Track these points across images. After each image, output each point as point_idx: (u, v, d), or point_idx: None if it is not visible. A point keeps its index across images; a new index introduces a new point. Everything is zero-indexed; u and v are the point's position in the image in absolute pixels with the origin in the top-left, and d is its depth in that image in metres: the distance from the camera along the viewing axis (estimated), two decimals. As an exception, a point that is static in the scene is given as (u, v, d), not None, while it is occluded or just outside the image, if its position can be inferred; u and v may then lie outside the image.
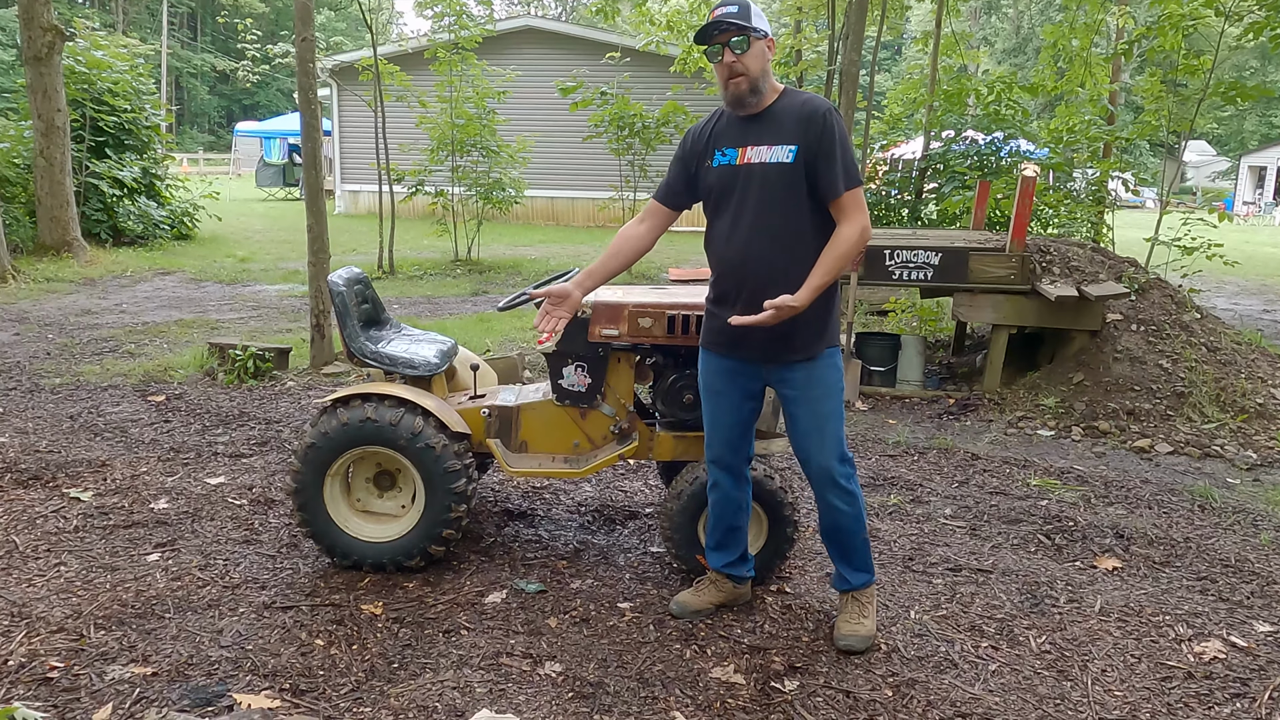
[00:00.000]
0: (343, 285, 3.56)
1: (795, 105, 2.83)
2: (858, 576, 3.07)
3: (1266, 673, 2.93)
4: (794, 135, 2.79)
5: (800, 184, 2.79)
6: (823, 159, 2.76)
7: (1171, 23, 8.42)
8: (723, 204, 2.92)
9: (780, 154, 2.80)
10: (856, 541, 3.03)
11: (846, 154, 2.78)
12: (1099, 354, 6.05)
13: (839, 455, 2.94)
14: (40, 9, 10.98)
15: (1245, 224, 26.96)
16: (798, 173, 2.78)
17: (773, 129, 2.83)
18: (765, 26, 2.82)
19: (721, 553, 3.21)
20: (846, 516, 2.97)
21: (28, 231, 11.68)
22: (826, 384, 2.92)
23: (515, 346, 7.34)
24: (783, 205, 2.81)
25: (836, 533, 3.02)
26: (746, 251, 2.85)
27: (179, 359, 6.74)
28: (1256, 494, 4.62)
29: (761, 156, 2.83)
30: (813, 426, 2.92)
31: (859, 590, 3.08)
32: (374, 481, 3.51)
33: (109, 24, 39.68)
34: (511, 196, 12.79)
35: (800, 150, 2.78)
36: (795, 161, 2.78)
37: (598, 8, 13.09)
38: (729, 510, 3.15)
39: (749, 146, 2.85)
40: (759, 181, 2.83)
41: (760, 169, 2.82)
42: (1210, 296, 10.30)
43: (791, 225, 2.81)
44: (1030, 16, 48.09)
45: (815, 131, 2.76)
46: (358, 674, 2.78)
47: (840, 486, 2.94)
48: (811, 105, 2.81)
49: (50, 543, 3.64)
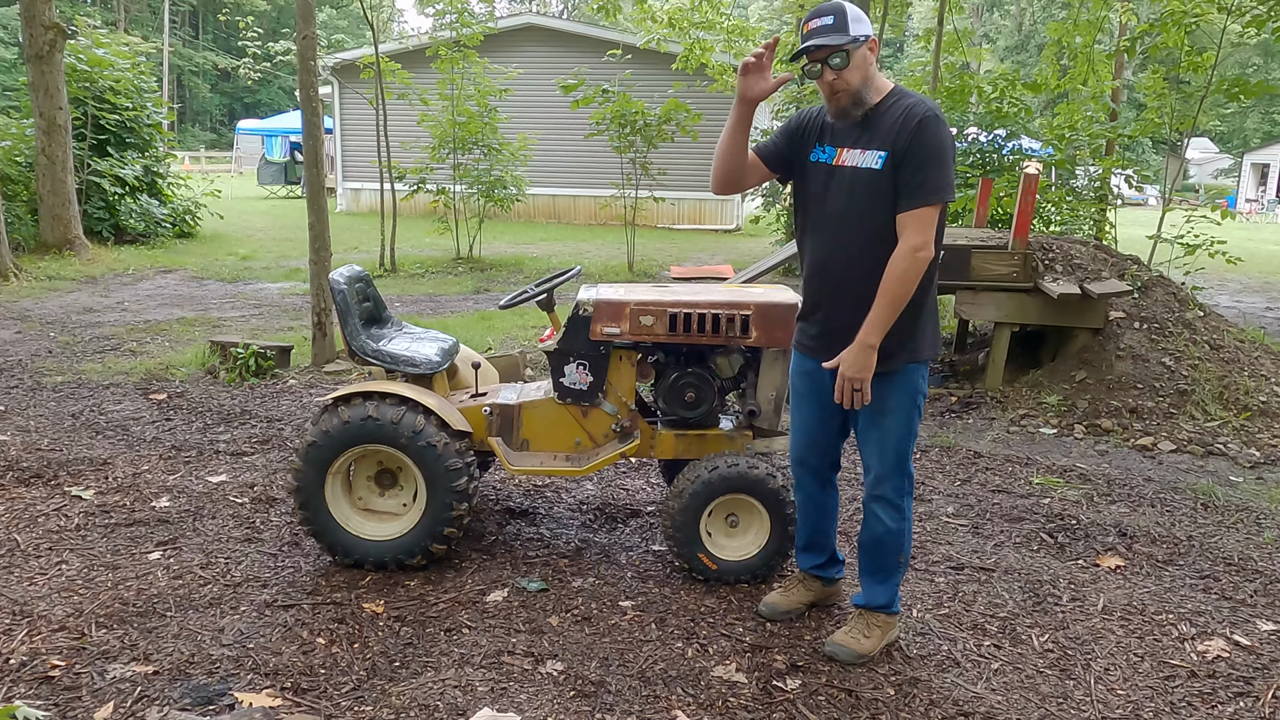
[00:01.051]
0: (344, 283, 3.55)
1: (899, 108, 2.68)
2: (878, 595, 2.95)
3: (1270, 671, 2.92)
4: (887, 141, 2.67)
5: (889, 191, 2.68)
6: (907, 167, 2.64)
7: (1174, 19, 8.41)
8: (814, 203, 2.85)
9: (870, 159, 2.70)
10: (889, 563, 2.92)
11: (933, 169, 2.62)
12: (1102, 352, 6.04)
13: (898, 469, 2.84)
14: (42, 7, 10.98)
15: (1248, 221, 26.90)
16: (885, 179, 2.67)
17: (870, 133, 2.72)
18: (865, 29, 2.66)
19: (809, 554, 3.19)
20: (889, 533, 2.87)
21: (30, 229, 11.69)
22: (898, 399, 2.79)
23: (517, 344, 7.34)
24: (870, 211, 2.71)
25: (874, 546, 2.92)
26: (835, 259, 2.79)
27: (181, 357, 6.74)
28: (1259, 492, 4.61)
29: (855, 160, 2.73)
30: (874, 438, 2.84)
31: (872, 612, 2.96)
32: (375, 479, 3.51)
33: (110, 22, 39.69)
34: (513, 194, 12.79)
35: (889, 157, 2.66)
36: (883, 168, 2.67)
37: (599, 5, 13.05)
38: (813, 512, 3.12)
39: (846, 149, 2.76)
40: (849, 186, 2.74)
41: (851, 173, 2.73)
42: (1213, 294, 10.28)
43: (877, 231, 2.70)
44: (1033, 13, 48.02)
45: (904, 140, 2.63)
46: (359, 672, 2.78)
47: (888, 501, 2.86)
48: (912, 109, 2.65)
49: (52, 541, 3.64)
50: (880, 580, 2.94)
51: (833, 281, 2.80)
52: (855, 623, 2.98)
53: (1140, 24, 9.93)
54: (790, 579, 3.29)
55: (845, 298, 2.75)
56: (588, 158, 17.20)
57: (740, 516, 3.41)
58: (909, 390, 2.80)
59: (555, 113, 16.47)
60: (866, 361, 2.67)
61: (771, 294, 3.46)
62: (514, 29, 18.95)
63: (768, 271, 7.93)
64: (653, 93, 13.61)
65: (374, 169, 13.23)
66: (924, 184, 2.61)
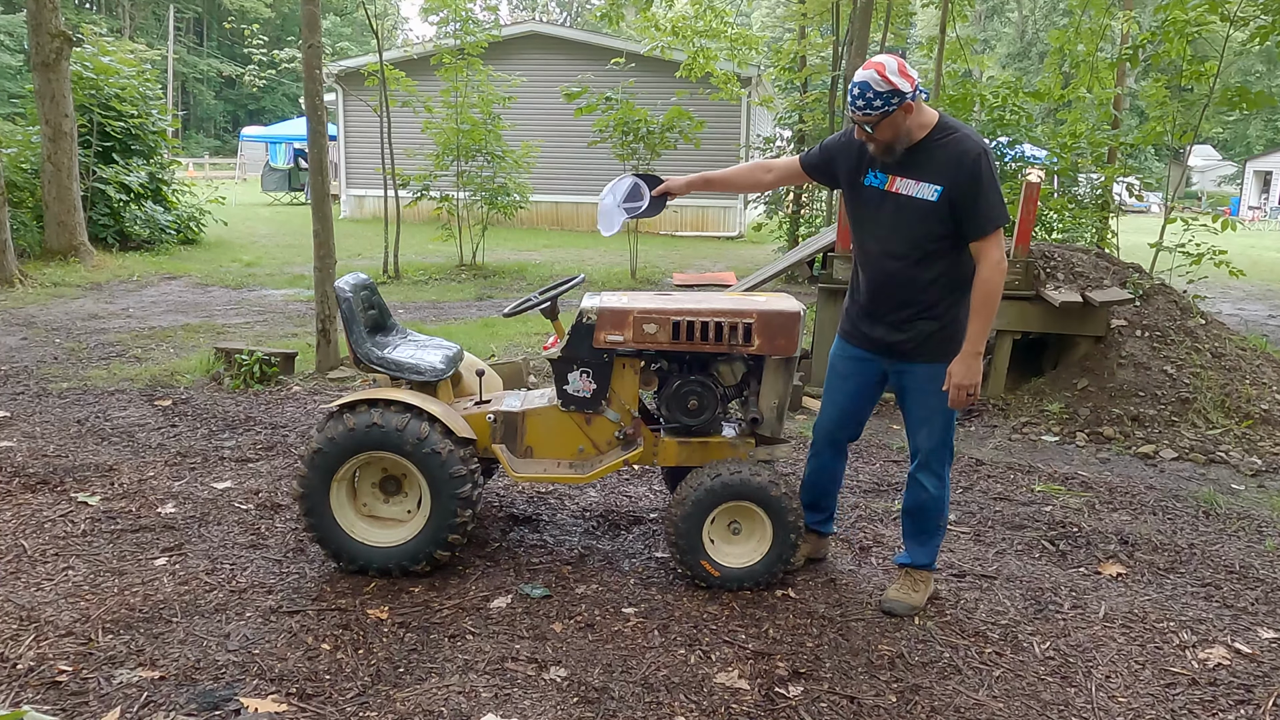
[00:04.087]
0: (349, 290, 3.58)
1: (948, 144, 3.01)
2: (921, 555, 3.32)
3: (1271, 679, 2.93)
4: (941, 176, 3.00)
5: (944, 219, 3.03)
6: (968, 202, 2.98)
7: (1176, 28, 8.42)
8: (869, 222, 3.21)
9: (926, 191, 3.03)
10: (930, 525, 3.30)
11: (991, 197, 2.98)
12: (1103, 359, 6.05)
13: (943, 443, 3.24)
14: (49, 15, 11.04)
15: (1250, 229, 26.90)
16: (941, 210, 3.02)
17: (922, 165, 3.04)
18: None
19: (813, 512, 3.61)
20: (931, 497, 3.26)
21: (35, 236, 11.73)
22: (941, 382, 3.12)
23: (521, 352, 7.36)
24: (922, 235, 3.07)
25: (917, 510, 3.30)
26: (889, 266, 3.15)
27: (185, 363, 6.77)
28: (1261, 500, 4.61)
29: (909, 190, 3.07)
30: (922, 419, 3.24)
31: (916, 569, 3.33)
32: (380, 486, 3.52)
33: (116, 30, 39.86)
34: (516, 201, 12.82)
35: (945, 190, 3.00)
36: (939, 201, 3.01)
37: (603, 13, 13.13)
38: (824, 478, 3.56)
39: (898, 176, 3.09)
40: (903, 212, 3.08)
41: (907, 201, 3.07)
42: (1215, 302, 10.28)
43: (931, 249, 3.07)
44: (1035, 21, 48.09)
45: (965, 176, 2.97)
46: (364, 678, 2.79)
47: (932, 469, 3.25)
48: (963, 147, 2.98)
49: (58, 547, 3.66)
50: (922, 542, 3.33)
51: (890, 284, 3.16)
52: (903, 581, 3.33)
53: (1142, 32, 9.95)
54: None
55: (890, 300, 3.17)
56: (591, 165, 17.25)
57: (743, 524, 3.42)
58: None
59: (558, 120, 16.52)
60: (976, 368, 3.05)
61: (774, 302, 3.48)
62: (517, 37, 19.01)
63: (771, 279, 7.96)
64: (656, 100, 13.66)
65: (378, 176, 13.27)
66: (990, 214, 2.99)
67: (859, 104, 2.94)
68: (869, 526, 4.12)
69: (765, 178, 3.57)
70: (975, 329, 3.03)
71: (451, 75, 12.19)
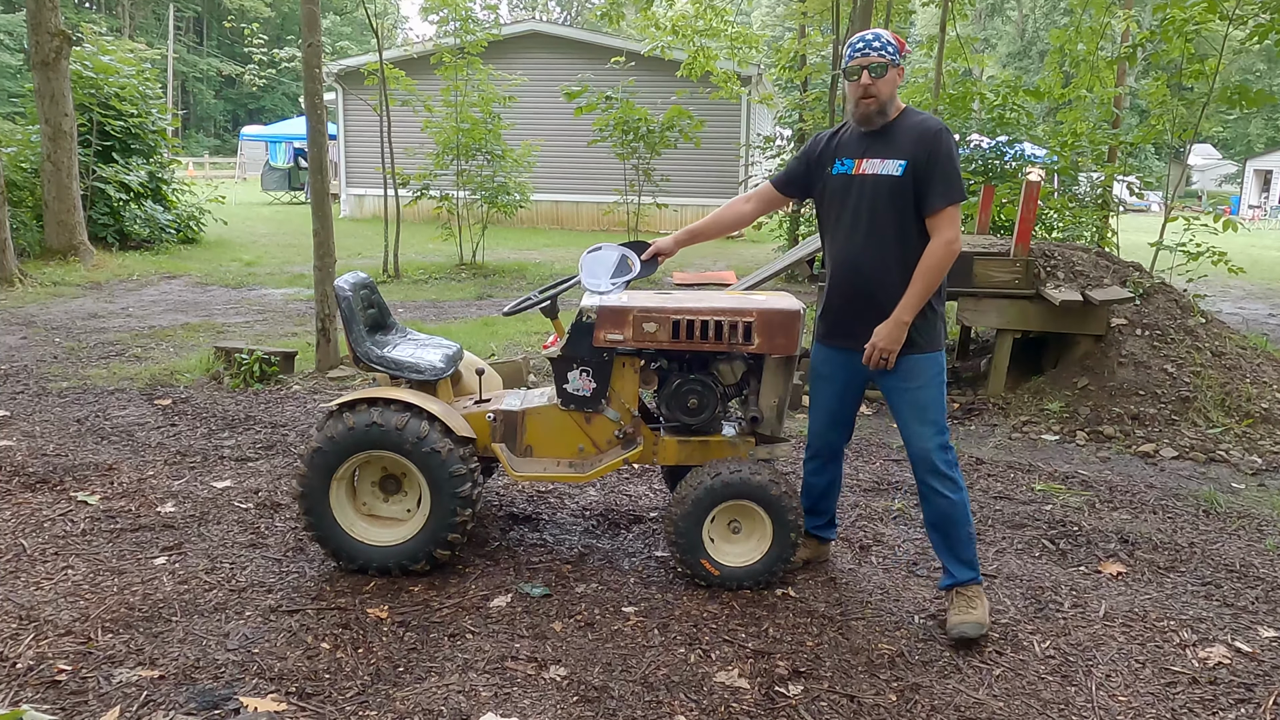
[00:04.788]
0: (348, 289, 3.57)
1: (912, 124, 3.09)
2: (963, 571, 3.17)
3: (1271, 678, 2.93)
4: (906, 151, 3.06)
5: (908, 196, 3.06)
6: (927, 174, 3.03)
7: (1175, 28, 8.41)
8: (837, 210, 3.22)
9: (891, 167, 3.07)
10: (961, 533, 3.16)
11: (949, 172, 3.02)
12: (1104, 359, 6.05)
13: (939, 443, 3.15)
14: (48, 14, 11.04)
15: (1250, 228, 26.90)
16: (905, 185, 3.05)
17: (888, 144, 3.10)
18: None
19: (813, 516, 3.60)
20: (950, 503, 3.14)
21: (35, 235, 11.73)
22: (926, 375, 3.15)
23: (520, 351, 7.36)
24: (890, 215, 3.08)
25: (942, 521, 3.17)
26: (857, 255, 3.15)
27: (185, 363, 6.77)
28: (1261, 499, 4.61)
29: (875, 169, 3.10)
30: (912, 415, 3.18)
31: (964, 585, 3.17)
32: (379, 486, 3.52)
33: (116, 29, 39.85)
34: (517, 200, 12.82)
35: (909, 165, 3.04)
36: (904, 175, 3.05)
37: (603, 12, 13.12)
38: (821, 482, 3.56)
39: (865, 159, 3.13)
40: (870, 191, 3.11)
41: (873, 180, 3.10)
42: (1216, 301, 10.28)
43: (897, 233, 3.09)
44: (1035, 19, 48.07)
45: (925, 149, 3.03)
46: (363, 678, 2.79)
47: (941, 472, 3.14)
48: (925, 124, 3.07)
49: (58, 546, 3.66)
50: (958, 558, 3.19)
51: (859, 275, 3.16)
52: (957, 601, 3.17)
53: (1142, 31, 9.95)
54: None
55: (865, 289, 3.14)
56: (591, 164, 17.25)
57: (743, 523, 3.42)
58: (935, 369, 3.18)
59: (559, 119, 16.51)
60: (898, 335, 3.06)
61: (774, 300, 3.48)
62: (518, 36, 19.00)
63: (771, 278, 7.96)
64: (656, 99, 13.66)
65: (378, 175, 13.26)
66: (947, 188, 3.02)
67: (874, 45, 3.01)
68: (869, 525, 4.12)
69: (746, 208, 3.56)
70: (909, 298, 3.03)
71: (451, 74, 12.19)
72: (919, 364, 3.14)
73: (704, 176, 18.35)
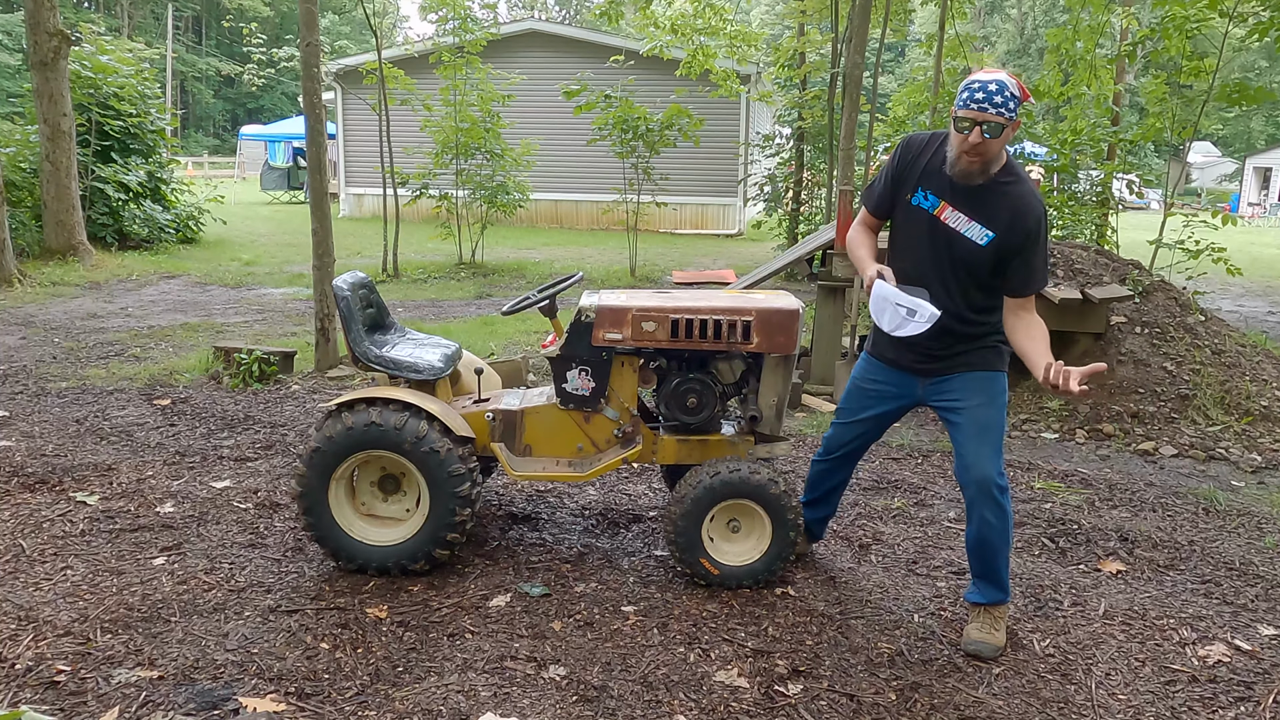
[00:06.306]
0: (347, 289, 3.57)
1: (1012, 193, 2.87)
2: (993, 593, 3.11)
3: (1271, 676, 2.93)
4: (997, 224, 2.87)
5: (987, 264, 2.91)
6: (1021, 260, 2.88)
7: (1175, 25, 8.41)
8: (913, 242, 3.04)
9: (976, 233, 2.90)
10: (1000, 560, 3.07)
11: (1043, 262, 2.92)
12: (1103, 356, 6.04)
13: (999, 468, 3.01)
14: (47, 14, 11.03)
15: (1250, 225, 26.89)
16: (988, 255, 2.90)
17: (980, 205, 2.90)
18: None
19: (813, 508, 3.58)
20: (995, 531, 3.02)
21: (34, 235, 11.72)
22: (989, 393, 3.04)
23: (519, 350, 7.36)
24: (965, 271, 2.94)
25: (982, 546, 3.07)
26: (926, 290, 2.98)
27: (184, 362, 6.77)
28: (1261, 497, 4.61)
29: (959, 225, 2.92)
30: (973, 434, 3.02)
31: (994, 605, 3.11)
32: (379, 485, 3.52)
33: (114, 28, 39.80)
34: (516, 199, 12.82)
35: (996, 240, 2.87)
36: (987, 248, 2.89)
37: (602, 11, 13.12)
38: (831, 480, 3.51)
39: (950, 207, 2.93)
40: (946, 241, 2.95)
41: (957, 236, 2.93)
42: (1215, 299, 10.28)
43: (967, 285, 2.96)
44: (1034, 18, 48.06)
45: (1020, 234, 2.85)
46: (362, 677, 2.79)
47: (995, 501, 2.99)
48: (1026, 203, 2.86)
49: (57, 546, 3.66)
50: (992, 578, 3.10)
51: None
52: (982, 619, 3.11)
53: (1141, 29, 9.95)
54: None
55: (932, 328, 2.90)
56: (590, 163, 17.23)
57: (742, 522, 3.42)
58: (997, 385, 3.08)
59: (558, 118, 16.50)
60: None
61: (773, 300, 3.47)
62: (517, 35, 18.99)
63: (770, 277, 7.95)
64: (655, 98, 13.65)
65: (377, 174, 13.27)
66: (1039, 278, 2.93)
67: (996, 100, 2.69)
68: (868, 524, 4.12)
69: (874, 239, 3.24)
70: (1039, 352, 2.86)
71: (450, 73, 12.18)
72: (982, 379, 3.05)
73: (703, 175, 18.36)
